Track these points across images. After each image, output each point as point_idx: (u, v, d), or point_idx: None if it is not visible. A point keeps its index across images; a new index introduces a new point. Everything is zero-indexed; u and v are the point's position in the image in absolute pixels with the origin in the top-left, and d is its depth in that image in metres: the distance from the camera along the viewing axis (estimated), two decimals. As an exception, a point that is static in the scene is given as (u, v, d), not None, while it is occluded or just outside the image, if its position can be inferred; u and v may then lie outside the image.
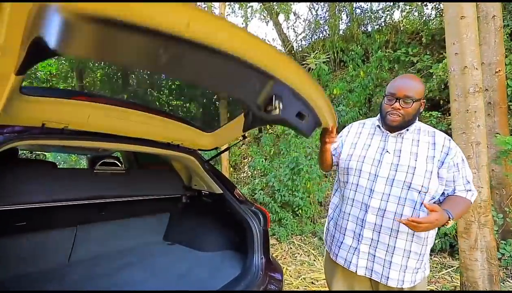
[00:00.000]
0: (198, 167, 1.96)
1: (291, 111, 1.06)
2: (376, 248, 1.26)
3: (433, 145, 1.25)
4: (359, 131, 1.46)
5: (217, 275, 1.59)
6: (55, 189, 1.44)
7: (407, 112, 1.23)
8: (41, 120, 1.19)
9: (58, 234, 1.64)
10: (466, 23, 2.47)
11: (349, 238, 1.34)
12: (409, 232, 1.21)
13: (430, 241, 1.27)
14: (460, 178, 1.23)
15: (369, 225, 1.27)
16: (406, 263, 1.23)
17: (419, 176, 1.20)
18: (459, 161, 1.24)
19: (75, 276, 1.53)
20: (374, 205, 1.26)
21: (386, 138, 1.33)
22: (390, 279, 1.23)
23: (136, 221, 2.09)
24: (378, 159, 1.30)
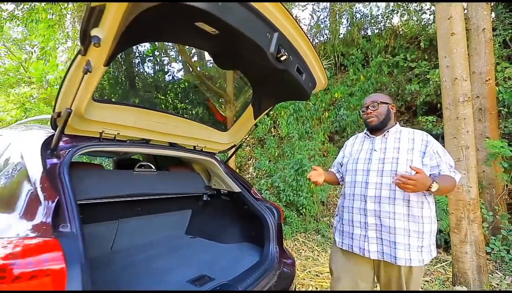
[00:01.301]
0: (218, 168, 2.24)
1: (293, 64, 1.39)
2: (381, 231, 1.47)
3: (412, 140, 1.54)
4: (353, 143, 1.83)
5: (239, 262, 1.86)
6: (103, 187, 1.71)
7: (378, 113, 1.63)
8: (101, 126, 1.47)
9: (104, 226, 1.91)
10: (456, 39, 2.75)
11: (357, 228, 1.56)
12: (404, 213, 1.42)
13: (427, 220, 1.43)
14: (444, 163, 1.46)
15: (370, 212, 1.51)
16: (409, 242, 1.40)
17: (402, 164, 1.47)
18: (439, 149, 1.50)
19: (119, 262, 1.79)
20: (370, 194, 1.52)
21: (373, 141, 1.66)
22: (398, 258, 1.41)
23: (164, 216, 2.37)
24: (368, 157, 1.61)
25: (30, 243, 0.84)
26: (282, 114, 6.18)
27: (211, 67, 2.99)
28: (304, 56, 1.44)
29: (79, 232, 0.97)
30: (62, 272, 0.81)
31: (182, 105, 2.41)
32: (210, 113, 2.49)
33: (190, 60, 2.94)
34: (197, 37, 1.21)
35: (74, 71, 1.10)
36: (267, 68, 1.35)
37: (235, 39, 1.16)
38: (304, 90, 1.61)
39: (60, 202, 1.01)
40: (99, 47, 0.98)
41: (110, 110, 1.46)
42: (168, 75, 2.41)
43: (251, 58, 1.29)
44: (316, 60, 1.53)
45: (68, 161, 1.24)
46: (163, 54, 2.22)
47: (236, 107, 2.46)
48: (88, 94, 1.18)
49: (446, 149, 3.02)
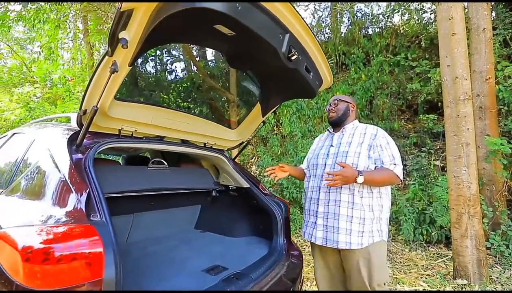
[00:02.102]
0: (227, 164, 2.32)
1: (302, 63, 1.48)
2: (327, 219, 1.64)
3: (363, 135, 1.69)
4: (318, 140, 2.02)
5: (249, 254, 1.93)
6: (120, 182, 1.79)
7: (337, 109, 1.83)
8: (120, 123, 1.55)
9: (120, 219, 1.99)
10: (457, 39, 2.83)
11: (311, 216, 1.76)
12: (348, 201, 1.59)
13: (367, 208, 1.58)
14: (386, 156, 1.60)
15: (321, 201, 1.68)
16: (350, 227, 1.56)
17: (350, 156, 1.63)
18: (383, 143, 1.63)
19: (135, 254, 1.88)
20: (323, 185, 1.68)
21: (332, 137, 1.84)
22: (339, 242, 1.57)
23: (175, 211, 2.45)
24: (326, 152, 1.79)
25: (69, 229, 0.92)
26: (285, 113, 6.26)
27: (214, 67, 3.08)
28: (312, 55, 1.52)
29: (109, 220, 1.05)
30: (100, 256, 0.89)
31: (192, 104, 2.49)
32: (219, 112, 2.57)
33: (195, 60, 3.02)
34: (215, 39, 1.29)
35: (101, 71, 1.18)
36: (277, 67, 1.43)
37: (250, 40, 1.24)
38: (311, 88, 1.69)
39: (89, 193, 1.09)
40: (127, 48, 1.06)
41: (129, 108, 1.55)
42: (178, 75, 2.48)
43: (264, 58, 1.37)
44: (323, 58, 1.61)
45: (92, 156, 1.32)
46: (176, 53, 2.30)
47: (241, 107, 2.54)
48: (112, 93, 1.26)
49: (447, 146, 3.12)
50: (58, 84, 9.48)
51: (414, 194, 4.31)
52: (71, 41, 9.69)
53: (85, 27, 8.12)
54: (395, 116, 6.73)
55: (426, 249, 4.05)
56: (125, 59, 1.16)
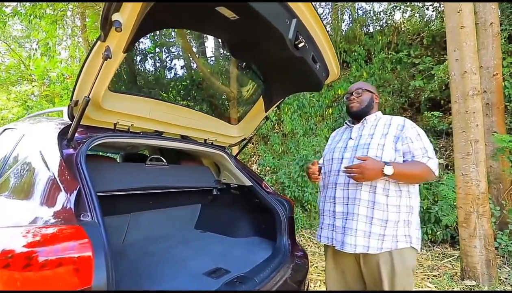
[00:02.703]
0: (229, 162, 2.23)
1: (309, 52, 1.37)
2: (346, 219, 1.43)
3: (388, 126, 1.49)
4: (335, 135, 1.79)
5: (252, 255, 1.84)
6: (116, 180, 1.70)
7: (360, 99, 1.58)
8: (116, 117, 1.45)
9: (116, 219, 1.90)
10: (466, 32, 2.73)
11: (327, 217, 1.54)
12: (369, 199, 1.37)
13: (393, 209, 1.35)
14: (417, 149, 1.37)
15: (338, 199, 1.47)
16: (370, 229, 1.35)
17: (372, 149, 1.42)
18: (413, 134, 1.41)
19: (133, 255, 1.79)
20: (340, 181, 1.48)
21: (351, 130, 1.62)
22: (357, 246, 1.36)
23: (174, 210, 2.36)
24: (344, 146, 1.58)
25: (55, 230, 0.82)
26: (286, 111, 6.17)
27: (214, 64, 2.99)
28: (319, 44, 1.43)
29: (101, 221, 0.95)
30: (89, 260, 0.80)
31: (192, 99, 2.40)
32: (219, 107, 2.47)
33: (195, 56, 2.93)
34: (216, 24, 1.20)
35: (93, 58, 1.08)
36: (283, 56, 1.34)
37: (254, 25, 1.15)
38: (318, 80, 1.60)
39: (80, 191, 1.00)
40: (121, 32, 0.96)
41: (125, 101, 1.45)
42: (177, 70, 2.39)
43: (269, 45, 1.27)
44: (330, 48, 1.52)
45: (85, 151, 1.23)
46: (175, 51, 2.21)
47: (242, 101, 2.45)
48: (106, 82, 1.17)
49: (454, 143, 3.03)
50: (56, 82, 9.36)
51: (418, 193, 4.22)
52: (69, 38, 9.58)
53: (83, 24, 8.00)
54: (397, 114, 6.63)
55: (431, 248, 3.96)
56: (119, 45, 1.06)
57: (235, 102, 2.27)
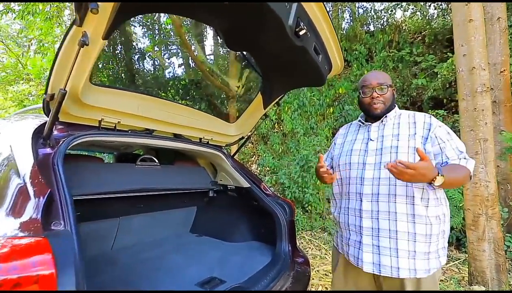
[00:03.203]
0: (226, 162, 2.10)
1: (310, 42, 1.24)
2: (378, 236, 1.22)
3: (413, 124, 1.29)
4: (346, 132, 1.55)
5: (250, 262, 1.72)
6: (103, 182, 1.57)
7: (385, 98, 1.33)
8: (101, 113, 1.33)
9: (104, 224, 1.77)
10: (474, 26, 2.61)
11: (353, 232, 1.33)
12: (408, 213, 1.18)
13: (435, 220, 1.19)
14: (450, 150, 1.20)
15: (366, 213, 1.26)
16: (414, 248, 1.16)
17: (403, 153, 1.23)
18: (442, 133, 1.24)
19: (121, 262, 1.66)
20: (367, 191, 1.27)
21: (369, 129, 1.39)
22: (401, 270, 1.16)
23: (168, 214, 2.23)
24: (364, 148, 1.36)
25: (14, 244, 0.70)
26: (286, 110, 6.04)
27: (208, 57, 2.88)
28: (322, 33, 1.30)
29: (74, 229, 0.83)
30: (51, 279, 0.68)
31: (187, 94, 2.27)
32: (216, 104, 2.35)
33: (193, 53, 2.81)
34: (207, 8, 1.07)
35: (68, 44, 0.96)
36: (282, 46, 1.22)
37: (251, 10, 1.02)
38: (320, 74, 1.47)
39: (52, 196, 0.88)
40: (97, 14, 0.84)
41: (110, 95, 1.32)
42: (170, 64, 2.27)
43: (266, 33, 1.15)
44: (334, 38, 1.39)
45: (63, 151, 1.11)
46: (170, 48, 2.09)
47: (239, 98, 2.32)
48: (85, 73, 1.04)
49: (462, 141, 2.90)
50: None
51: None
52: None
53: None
54: (394, 102, 6.52)
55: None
56: (98, 30, 0.94)
57: (232, 99, 2.15)
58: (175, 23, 2.10)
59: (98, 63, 1.09)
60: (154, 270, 1.60)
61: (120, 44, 1.76)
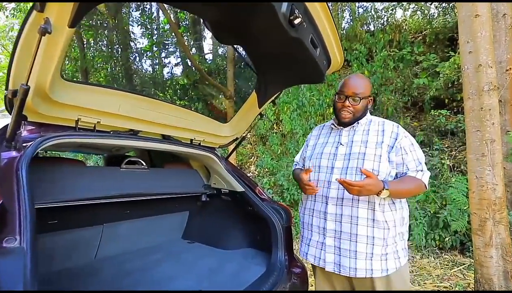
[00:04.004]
0: (219, 165, 1.99)
1: (307, 34, 1.14)
2: (340, 239, 1.28)
3: (382, 132, 1.34)
4: (318, 133, 1.58)
5: (243, 272, 1.61)
6: (84, 187, 1.45)
7: (356, 109, 1.35)
8: (77, 112, 1.21)
9: (85, 232, 1.65)
10: (481, 21, 2.49)
11: (315, 233, 1.38)
12: (368, 217, 1.24)
13: (391, 224, 1.26)
14: (411, 161, 1.28)
15: (330, 216, 1.31)
16: (372, 250, 1.23)
17: (369, 160, 1.27)
18: (407, 144, 1.31)
19: (105, 272, 1.54)
20: (332, 195, 1.31)
21: (340, 133, 1.43)
22: (358, 270, 1.23)
23: (157, 219, 2.10)
24: (333, 152, 1.39)
25: None
26: (285, 110, 5.93)
27: (211, 63, 2.75)
28: (319, 24, 1.18)
29: (30, 246, 0.71)
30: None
31: (164, 97, 2.15)
32: (210, 104, 2.23)
33: (190, 53, 2.69)
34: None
35: (28, 32, 0.84)
36: (276, 38, 1.10)
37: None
38: (318, 69, 1.35)
39: (5, 207, 0.75)
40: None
41: (87, 93, 1.21)
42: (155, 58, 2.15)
43: (258, 22, 1.03)
44: (333, 31, 1.27)
45: (30, 155, 0.99)
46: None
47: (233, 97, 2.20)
48: (51, 66, 0.92)
49: (468, 143, 2.78)
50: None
51: (425, 196, 3.97)
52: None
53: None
54: (400, 114, 6.40)
55: (439, 256, 3.72)
56: (63, 17, 0.82)
57: (226, 97, 2.02)
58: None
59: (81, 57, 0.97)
60: (140, 283, 1.48)
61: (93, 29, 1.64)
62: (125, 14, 8.86)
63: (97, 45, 9.11)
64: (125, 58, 8.35)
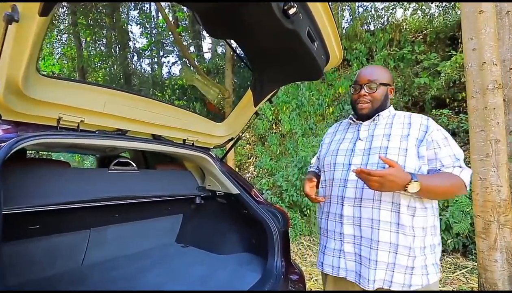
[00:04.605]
0: (213, 166, 1.91)
1: (303, 26, 1.06)
2: (360, 245, 1.13)
3: (408, 125, 1.18)
4: (334, 130, 1.44)
5: (238, 279, 1.53)
6: (69, 190, 1.38)
7: (374, 97, 1.21)
8: (57, 111, 1.13)
9: (71, 237, 1.57)
10: (485, 17, 2.41)
11: (331, 240, 1.22)
12: (392, 221, 1.07)
13: (419, 232, 1.07)
14: (446, 156, 1.10)
15: (347, 219, 1.16)
16: (395, 260, 1.06)
17: (393, 154, 1.11)
18: (439, 138, 1.13)
19: (92, 279, 1.47)
20: (349, 195, 1.16)
21: (359, 128, 1.28)
22: (376, 281, 1.06)
23: (148, 223, 2.02)
24: (351, 148, 1.25)
25: None
26: (284, 110, 5.85)
27: (209, 62, 2.67)
28: (316, 16, 1.10)
29: None
30: None
31: (163, 97, 2.07)
32: (208, 103, 2.15)
33: (187, 52, 2.61)
34: None
35: (-8, 21, 0.76)
36: (270, 30, 1.02)
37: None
38: (316, 65, 1.27)
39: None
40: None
41: (68, 90, 1.13)
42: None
43: (250, 11, 0.95)
44: (332, 24, 1.19)
45: (2, 156, 0.91)
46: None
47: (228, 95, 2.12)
48: (22, 58, 0.84)
49: (471, 143, 2.70)
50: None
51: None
52: (62, 34, 9.29)
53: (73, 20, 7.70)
54: (389, 102, 6.35)
55: (441, 259, 3.63)
56: (31, 4, 0.74)
57: (221, 96, 1.94)
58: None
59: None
60: (129, 288, 1.40)
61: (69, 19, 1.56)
62: (123, 12, 8.80)
63: (95, 45, 9.05)
64: (123, 58, 8.28)
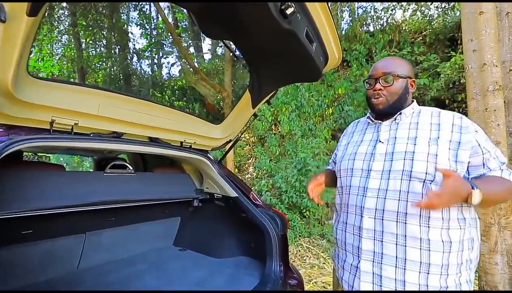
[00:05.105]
0: (211, 169, 1.89)
1: (302, 26, 1.03)
2: (381, 263, 0.98)
3: (437, 126, 1.02)
4: (352, 130, 1.31)
5: (235, 284, 1.51)
6: (63, 193, 1.35)
7: (389, 92, 1.08)
8: (50, 113, 1.11)
9: (66, 241, 1.55)
10: (485, 18, 2.40)
11: (349, 254, 1.10)
12: (422, 237, 0.93)
13: (456, 247, 0.94)
14: (492, 160, 0.97)
15: (367, 232, 1.02)
16: (426, 282, 0.92)
17: (421, 160, 0.96)
18: (481, 138, 0.99)
19: (88, 283, 1.45)
20: (369, 205, 1.02)
21: (378, 128, 1.14)
22: None
23: (146, 226, 2.00)
24: (370, 152, 1.11)
25: None
26: (284, 111, 5.83)
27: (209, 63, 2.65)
28: (315, 16, 1.08)
29: None
30: None
31: (162, 98, 2.05)
32: (207, 104, 2.13)
33: (186, 53, 2.59)
34: None
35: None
36: (267, 30, 1.00)
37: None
38: (315, 66, 1.25)
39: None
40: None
41: (61, 92, 1.11)
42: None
43: (246, 12, 0.93)
44: (330, 25, 1.17)
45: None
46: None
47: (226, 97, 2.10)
48: (11, 60, 0.82)
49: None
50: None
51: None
52: (62, 35, 9.27)
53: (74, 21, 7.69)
54: (411, 97, 6.35)
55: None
56: (19, 4, 0.72)
57: (218, 97, 1.92)
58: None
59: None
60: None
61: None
62: (122, 13, 8.79)
63: (95, 45, 9.04)
64: (122, 58, 8.26)
